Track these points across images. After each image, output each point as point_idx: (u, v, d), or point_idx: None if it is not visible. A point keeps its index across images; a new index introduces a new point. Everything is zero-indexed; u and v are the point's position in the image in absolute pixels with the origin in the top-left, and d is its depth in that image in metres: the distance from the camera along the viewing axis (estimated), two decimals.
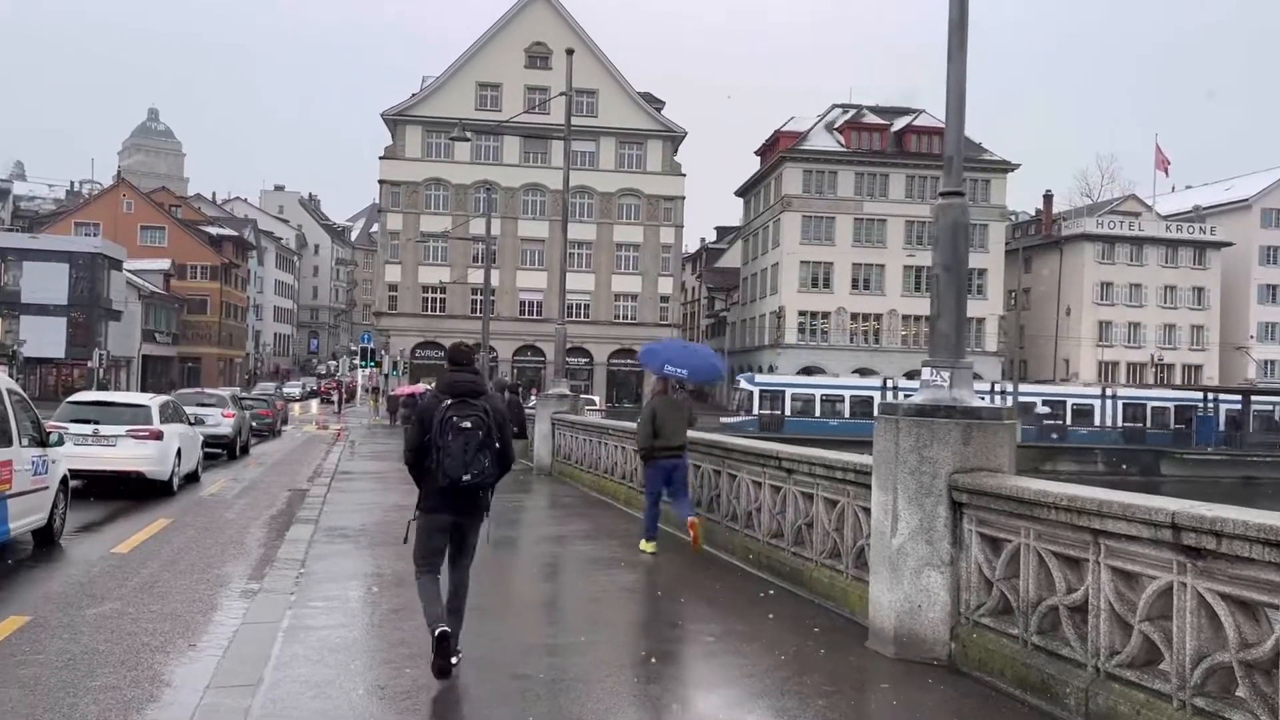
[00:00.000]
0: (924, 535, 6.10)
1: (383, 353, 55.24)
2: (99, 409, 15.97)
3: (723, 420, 51.36)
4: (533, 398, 31.15)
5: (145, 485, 15.46)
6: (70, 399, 17.06)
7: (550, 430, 19.03)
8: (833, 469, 7.75)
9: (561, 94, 21.46)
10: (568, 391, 19.68)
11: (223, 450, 24.17)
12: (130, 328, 65.71)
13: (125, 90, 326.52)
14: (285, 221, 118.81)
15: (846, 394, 52.09)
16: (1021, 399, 51.52)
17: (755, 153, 73.01)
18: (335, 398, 61.83)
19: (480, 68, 59.54)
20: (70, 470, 13.55)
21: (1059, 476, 40.72)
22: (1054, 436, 49.98)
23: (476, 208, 52.81)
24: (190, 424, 18.18)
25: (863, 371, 60.72)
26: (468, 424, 5.67)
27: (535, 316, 58.69)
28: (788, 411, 51.79)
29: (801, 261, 62.85)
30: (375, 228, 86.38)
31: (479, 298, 51.48)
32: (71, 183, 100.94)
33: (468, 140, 28.54)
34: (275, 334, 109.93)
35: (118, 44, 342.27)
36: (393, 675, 5.79)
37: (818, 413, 51.57)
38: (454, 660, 5.72)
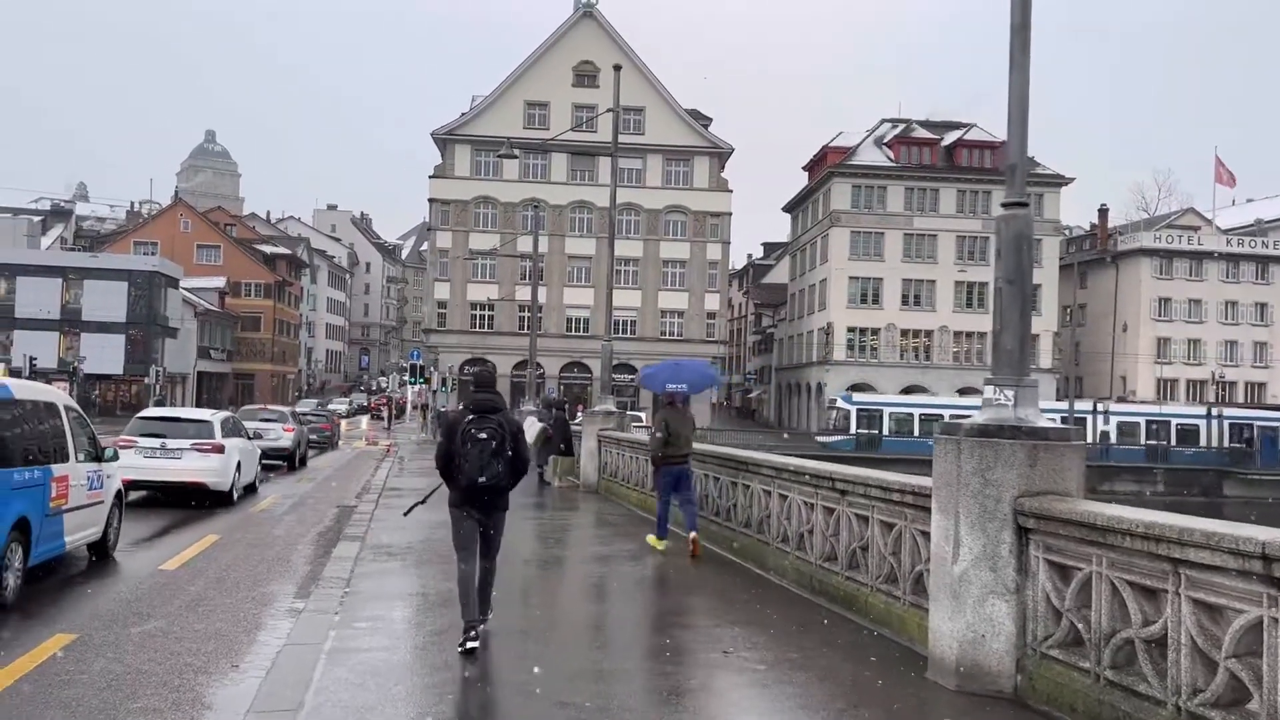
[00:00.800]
0: (988, 561, 5.83)
1: (431, 369, 55.60)
2: (166, 424, 16.94)
3: (819, 439, 50.52)
4: (579, 414, 31.04)
5: (208, 495, 16.21)
6: (139, 415, 18.25)
7: (596, 447, 18.88)
8: (889, 491, 7.49)
9: (608, 110, 21.43)
10: (614, 408, 19.51)
11: (283, 462, 25.43)
12: (186, 344, 66.96)
13: (185, 112, 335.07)
14: (338, 240, 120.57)
15: (945, 413, 50.15)
16: (1124, 419, 50.52)
17: (803, 168, 72.64)
18: (385, 414, 62.34)
19: (529, 87, 59.97)
20: (139, 480, 15.36)
21: (1117, 497, 39.72)
22: (1098, 455, 48.64)
23: (524, 225, 53.07)
24: (249, 438, 19.03)
25: (912, 389, 59.82)
26: (483, 435, 6.65)
27: (582, 333, 58.73)
28: (885, 430, 50.98)
29: (850, 277, 62.25)
30: (425, 246, 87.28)
31: (526, 314, 51.65)
32: (131, 203, 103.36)
33: (514, 158, 28.64)
34: (327, 350, 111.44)
35: (179, 65, 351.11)
36: (435, 701, 5.64)
37: (916, 431, 50.56)
38: (475, 634, 6.68)
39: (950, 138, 64.15)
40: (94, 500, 10.30)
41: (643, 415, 51.42)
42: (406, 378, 52.98)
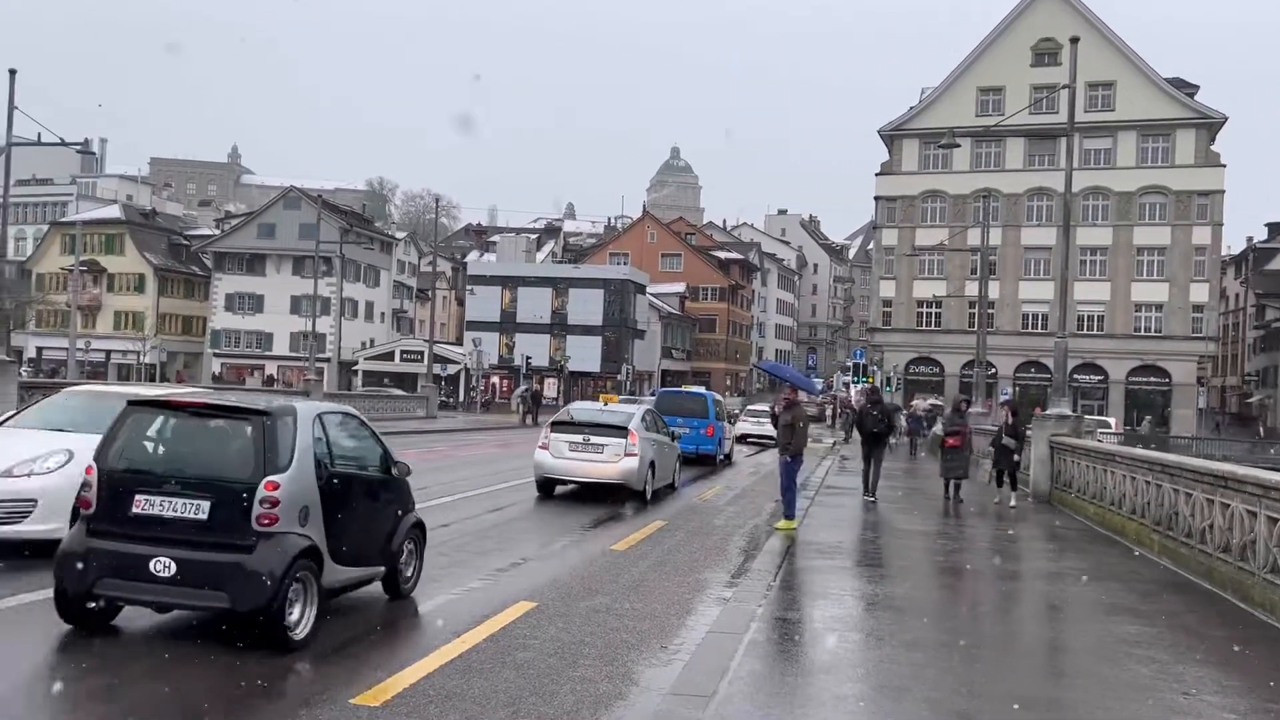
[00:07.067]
0: None
1: (874, 368, 55.14)
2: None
3: None
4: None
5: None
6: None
7: (1048, 454, 17.43)
8: None
9: (1064, 87, 19.68)
10: (1068, 412, 17.89)
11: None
12: (652, 345, 73.00)
13: (650, 133, 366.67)
14: (786, 243, 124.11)
15: None
16: None
17: None
18: (830, 412, 62.98)
19: (982, 72, 57.08)
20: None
21: None
22: None
23: (975, 217, 50.64)
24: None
25: None
26: (875, 412, 16.58)
27: (1039, 330, 54.64)
28: None
29: None
30: (871, 245, 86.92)
31: (976, 311, 49.24)
32: (608, 218, 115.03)
33: (956, 147, 27.30)
34: (776, 350, 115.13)
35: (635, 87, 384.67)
36: (846, 709, 5.49)
37: None
38: (871, 499, 16.00)
39: None
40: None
41: (1112, 420, 46.68)
42: (849, 378, 53.08)
